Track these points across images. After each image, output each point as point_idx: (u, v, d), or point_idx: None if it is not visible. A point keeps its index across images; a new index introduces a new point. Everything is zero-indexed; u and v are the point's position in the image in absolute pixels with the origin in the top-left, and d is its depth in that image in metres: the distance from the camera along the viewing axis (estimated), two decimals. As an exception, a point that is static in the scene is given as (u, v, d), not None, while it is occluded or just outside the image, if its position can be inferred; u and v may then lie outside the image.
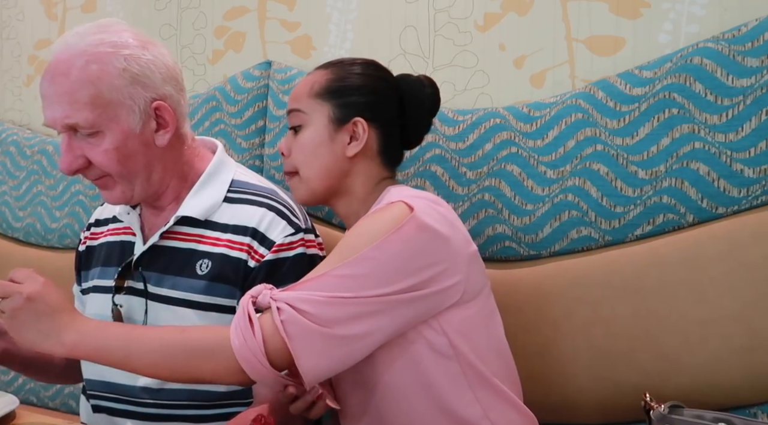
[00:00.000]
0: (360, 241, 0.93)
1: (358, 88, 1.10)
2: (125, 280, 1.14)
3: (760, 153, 1.05)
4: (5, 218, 1.94)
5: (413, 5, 1.42)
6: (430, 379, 0.98)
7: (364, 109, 1.08)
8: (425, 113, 1.15)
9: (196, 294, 1.10)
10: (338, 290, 0.90)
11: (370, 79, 1.11)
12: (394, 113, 1.11)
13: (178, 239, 1.13)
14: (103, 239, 1.25)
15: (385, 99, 1.11)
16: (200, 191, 1.14)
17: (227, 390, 1.13)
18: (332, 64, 1.14)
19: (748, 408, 1.06)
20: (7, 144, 1.99)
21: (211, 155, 1.20)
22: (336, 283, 0.91)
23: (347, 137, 1.08)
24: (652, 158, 1.12)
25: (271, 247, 1.10)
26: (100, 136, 1.05)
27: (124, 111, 1.06)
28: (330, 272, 0.92)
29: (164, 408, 1.12)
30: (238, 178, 1.18)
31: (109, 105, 1.05)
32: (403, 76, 1.15)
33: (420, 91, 1.13)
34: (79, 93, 1.03)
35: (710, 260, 1.05)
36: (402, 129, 1.13)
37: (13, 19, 2.10)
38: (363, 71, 1.12)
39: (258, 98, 1.55)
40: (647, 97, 1.13)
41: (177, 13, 1.76)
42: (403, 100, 1.12)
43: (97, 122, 1.04)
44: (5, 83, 2.13)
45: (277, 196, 1.16)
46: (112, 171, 1.08)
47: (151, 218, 1.18)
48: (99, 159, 1.06)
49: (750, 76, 1.05)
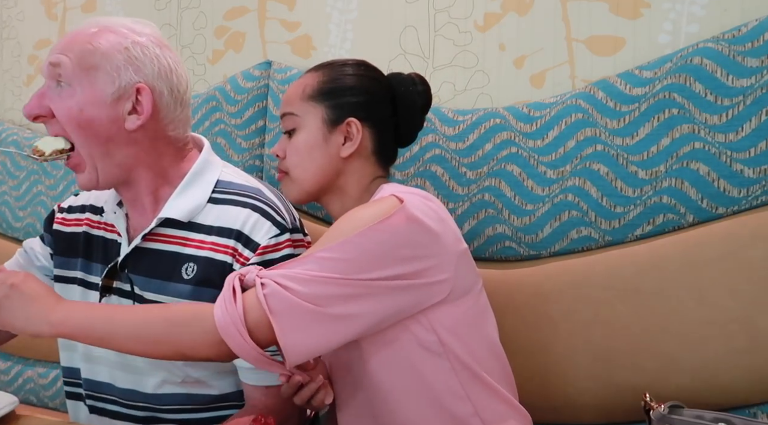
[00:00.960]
0: (348, 227, 0.94)
1: (351, 89, 1.10)
2: (113, 280, 1.13)
3: (760, 153, 1.05)
4: (5, 218, 1.94)
5: (413, 5, 1.42)
6: (420, 376, 0.98)
7: (357, 109, 1.09)
8: (418, 111, 1.15)
9: (183, 299, 1.07)
10: (324, 271, 0.90)
11: (362, 80, 1.12)
12: (387, 112, 1.12)
13: (162, 242, 1.10)
14: (79, 229, 1.21)
15: (377, 98, 1.12)
16: (184, 191, 1.11)
17: (220, 393, 1.13)
18: (323, 66, 1.14)
19: (748, 408, 1.06)
20: (7, 144, 1.99)
21: (197, 153, 1.17)
22: (321, 264, 0.91)
23: (341, 138, 1.08)
24: (652, 158, 1.12)
25: (255, 250, 1.06)
26: (70, 91, 1.05)
27: (104, 78, 1.05)
28: (315, 254, 0.92)
29: (160, 412, 1.12)
30: (224, 178, 1.14)
31: (93, 67, 1.05)
32: (395, 75, 1.16)
33: (412, 90, 1.14)
34: (76, 45, 1.05)
35: (710, 260, 1.05)
36: (395, 128, 1.14)
37: (13, 19, 2.10)
38: (355, 72, 1.12)
39: (258, 98, 1.55)
40: (647, 98, 1.13)
41: (177, 13, 1.76)
42: (396, 98, 1.13)
43: (75, 74, 1.05)
44: (5, 83, 2.13)
45: (262, 195, 1.12)
46: (70, 131, 1.06)
47: (135, 218, 1.15)
48: (60, 112, 1.05)
49: (750, 76, 1.05)
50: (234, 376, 1.12)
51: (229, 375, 1.12)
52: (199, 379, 1.10)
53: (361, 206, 0.99)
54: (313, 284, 0.90)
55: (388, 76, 1.16)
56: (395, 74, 1.16)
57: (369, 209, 0.96)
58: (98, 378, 1.16)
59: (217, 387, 1.12)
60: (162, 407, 1.11)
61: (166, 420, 1.12)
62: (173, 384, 1.11)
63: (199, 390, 1.11)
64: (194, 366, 1.10)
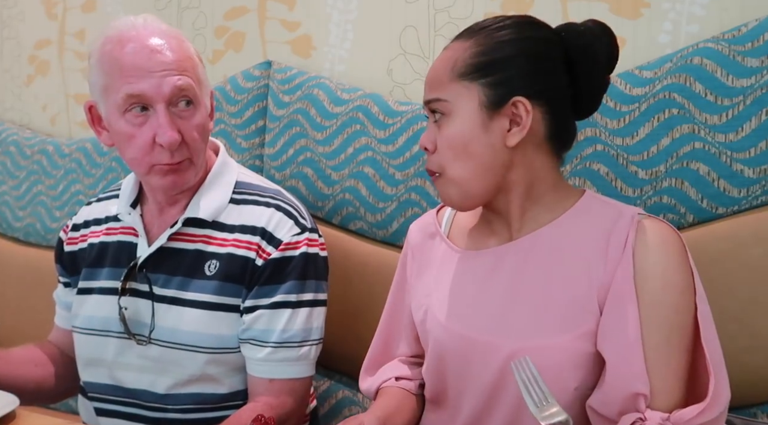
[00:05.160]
0: (679, 299, 0.85)
1: (513, 59, 0.88)
2: (128, 282, 1.14)
3: (760, 153, 1.05)
4: (5, 218, 1.94)
5: (413, 5, 1.42)
6: None
7: (523, 84, 0.88)
8: (602, 71, 0.92)
9: (207, 295, 1.11)
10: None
11: (525, 44, 0.89)
12: (562, 82, 0.91)
13: (185, 241, 1.14)
14: (96, 239, 1.23)
15: (548, 66, 0.90)
16: (206, 192, 1.15)
17: (229, 391, 1.13)
18: (474, 32, 0.91)
19: (748, 408, 1.06)
20: (7, 144, 1.99)
21: (214, 156, 1.21)
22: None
23: (506, 123, 0.88)
24: (652, 158, 1.12)
25: (278, 245, 1.11)
26: (192, 108, 1.10)
27: (205, 90, 1.15)
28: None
29: (170, 412, 1.13)
30: (242, 179, 1.20)
31: (203, 81, 1.14)
32: (567, 29, 0.92)
33: (592, 45, 0.90)
34: (188, 62, 1.10)
35: (710, 260, 1.05)
36: (573, 98, 0.92)
37: (13, 19, 2.10)
38: (515, 35, 0.89)
39: (258, 98, 1.55)
40: (647, 98, 1.13)
41: (177, 13, 1.76)
42: (572, 61, 0.90)
43: (198, 94, 1.11)
44: (5, 83, 2.13)
45: (282, 196, 1.19)
46: (198, 146, 1.11)
47: (155, 217, 1.18)
48: (191, 133, 1.09)
49: (750, 76, 1.05)
50: (245, 373, 1.14)
51: (242, 371, 1.15)
52: (213, 376, 1.12)
53: (655, 256, 0.85)
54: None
55: (559, 33, 0.92)
56: (567, 27, 0.93)
57: (671, 261, 0.86)
58: (106, 379, 1.17)
59: (228, 385, 1.14)
60: (174, 407, 1.12)
61: (179, 421, 1.13)
62: (185, 384, 1.11)
63: (210, 388, 1.13)
64: (215, 362, 1.11)
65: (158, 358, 1.12)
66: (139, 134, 1.06)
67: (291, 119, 1.48)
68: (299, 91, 1.48)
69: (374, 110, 1.39)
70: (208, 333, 1.10)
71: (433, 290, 1.00)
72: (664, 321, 0.84)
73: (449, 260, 1.00)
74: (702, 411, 0.80)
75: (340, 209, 1.42)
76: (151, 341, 1.12)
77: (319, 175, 1.44)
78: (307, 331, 1.13)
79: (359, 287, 1.36)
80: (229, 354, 1.12)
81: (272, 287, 1.11)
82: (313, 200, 1.45)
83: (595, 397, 0.86)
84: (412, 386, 1.05)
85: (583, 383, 0.87)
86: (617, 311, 0.85)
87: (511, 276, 0.93)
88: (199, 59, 1.14)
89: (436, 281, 1.00)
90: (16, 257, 1.89)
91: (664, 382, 0.82)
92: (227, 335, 1.11)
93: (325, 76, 1.50)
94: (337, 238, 1.40)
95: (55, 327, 1.32)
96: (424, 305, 1.00)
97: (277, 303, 1.11)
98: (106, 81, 1.07)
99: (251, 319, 1.11)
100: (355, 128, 1.40)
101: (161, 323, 1.11)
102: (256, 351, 1.11)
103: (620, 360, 0.83)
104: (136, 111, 1.06)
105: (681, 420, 0.80)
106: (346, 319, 1.35)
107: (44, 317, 1.38)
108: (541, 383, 0.79)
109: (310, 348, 1.13)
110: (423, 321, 1.00)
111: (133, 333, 1.13)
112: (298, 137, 1.47)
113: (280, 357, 1.11)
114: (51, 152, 1.89)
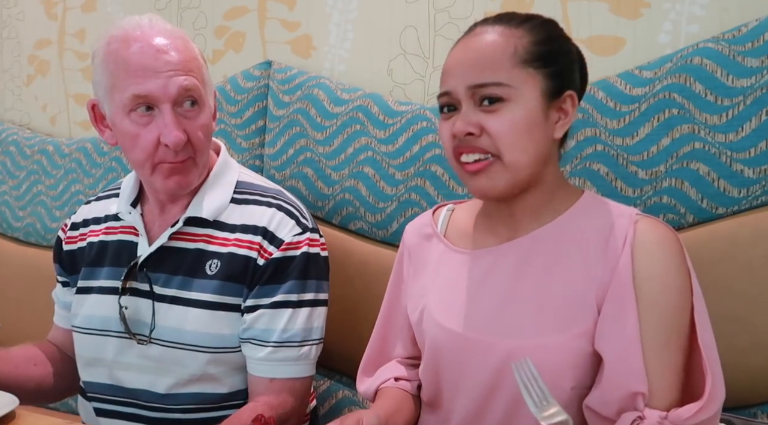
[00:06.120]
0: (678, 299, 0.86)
1: (568, 54, 0.91)
2: (128, 281, 1.14)
3: (760, 153, 1.05)
4: (5, 218, 1.94)
5: (413, 5, 1.42)
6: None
7: (573, 79, 0.91)
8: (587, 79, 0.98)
9: (208, 294, 1.11)
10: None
11: (571, 43, 0.91)
12: (583, 85, 0.95)
13: (186, 240, 1.14)
14: (96, 238, 1.23)
15: (582, 66, 0.94)
16: (208, 191, 1.16)
17: (230, 391, 1.13)
18: (519, 22, 0.91)
19: (748, 408, 1.06)
20: (7, 144, 1.99)
21: (215, 156, 1.21)
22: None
23: (557, 115, 0.90)
24: (652, 158, 1.12)
25: (279, 245, 1.12)
26: (197, 108, 1.10)
27: (209, 90, 1.15)
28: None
29: (170, 412, 1.13)
30: (243, 179, 1.20)
31: (207, 81, 1.14)
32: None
33: (585, 67, 0.96)
34: (193, 62, 1.10)
35: (710, 260, 1.05)
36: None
37: (13, 19, 2.10)
38: (561, 32, 0.92)
39: (258, 98, 1.55)
40: (647, 98, 1.13)
41: (177, 13, 1.76)
42: (582, 68, 0.94)
43: (203, 94, 1.11)
44: (5, 83, 2.13)
45: (284, 196, 1.19)
46: (202, 146, 1.11)
47: (155, 217, 1.18)
48: (196, 133, 1.10)
49: (750, 76, 1.05)
50: (245, 372, 1.14)
51: (242, 371, 1.15)
52: (214, 376, 1.12)
53: (657, 259, 0.86)
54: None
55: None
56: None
57: (672, 263, 0.86)
58: (105, 380, 1.17)
59: (228, 384, 1.14)
60: (174, 407, 1.12)
61: (179, 421, 1.13)
62: (185, 383, 1.11)
63: (211, 388, 1.13)
64: (215, 362, 1.12)
65: (159, 358, 1.12)
66: (143, 134, 1.07)
67: (291, 118, 1.48)
68: (299, 91, 1.49)
69: (374, 110, 1.39)
70: (208, 332, 1.10)
71: (429, 290, 1.00)
72: (663, 320, 0.84)
73: (446, 259, 1.01)
74: (699, 410, 0.81)
75: (340, 209, 1.42)
76: (151, 340, 1.12)
77: (319, 175, 1.44)
78: (308, 331, 1.13)
79: (359, 287, 1.36)
80: (230, 354, 1.12)
81: (273, 286, 1.11)
82: (313, 200, 1.45)
83: (593, 396, 0.86)
84: (410, 387, 1.05)
85: (580, 382, 0.88)
86: (616, 311, 0.85)
87: (509, 275, 0.94)
88: (203, 59, 1.14)
89: (433, 281, 1.01)
90: (16, 257, 1.89)
91: (661, 381, 0.83)
92: (228, 334, 1.11)
93: (325, 76, 1.50)
94: (337, 238, 1.40)
95: (54, 326, 1.32)
96: (421, 306, 1.00)
97: (278, 303, 1.11)
98: (112, 80, 1.07)
99: (252, 318, 1.11)
100: (355, 128, 1.40)
101: (162, 322, 1.11)
102: (257, 350, 1.11)
103: (619, 359, 0.84)
104: (142, 111, 1.06)
105: (679, 418, 0.81)
106: (346, 319, 1.35)
107: (44, 316, 1.38)
108: (541, 383, 0.80)
109: (310, 347, 1.13)
110: (419, 322, 1.00)
111: (133, 332, 1.13)
112: (298, 137, 1.47)
113: (281, 356, 1.11)
114: (51, 152, 1.89)
